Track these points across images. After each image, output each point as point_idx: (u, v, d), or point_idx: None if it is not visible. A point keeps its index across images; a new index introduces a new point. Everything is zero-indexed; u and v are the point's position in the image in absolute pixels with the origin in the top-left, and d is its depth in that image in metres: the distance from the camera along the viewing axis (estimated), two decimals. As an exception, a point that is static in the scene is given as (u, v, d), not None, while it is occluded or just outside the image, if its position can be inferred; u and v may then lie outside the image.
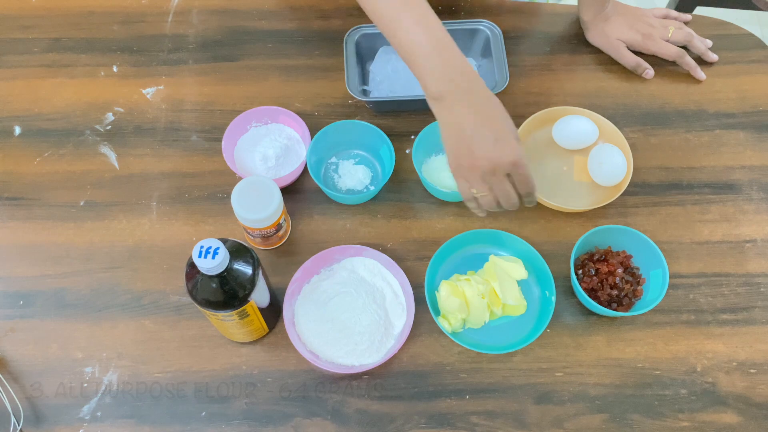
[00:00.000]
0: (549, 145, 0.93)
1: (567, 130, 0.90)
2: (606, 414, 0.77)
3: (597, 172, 0.88)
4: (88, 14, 1.03)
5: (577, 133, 0.90)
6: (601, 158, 0.88)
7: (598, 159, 0.88)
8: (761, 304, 0.83)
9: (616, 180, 0.87)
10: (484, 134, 0.68)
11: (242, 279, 0.68)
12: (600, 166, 0.87)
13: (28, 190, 0.89)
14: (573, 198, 0.89)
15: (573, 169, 0.91)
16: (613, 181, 0.87)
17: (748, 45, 1.01)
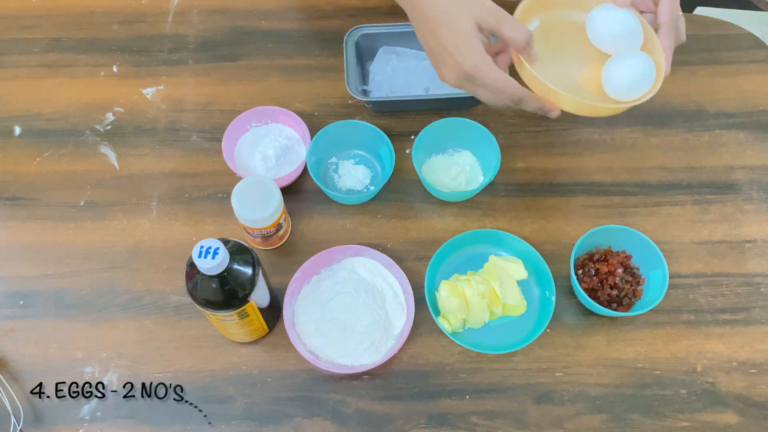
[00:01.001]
0: (562, 34, 0.77)
1: (607, 26, 0.73)
2: (606, 414, 0.77)
3: (616, 80, 0.72)
4: (88, 14, 1.03)
5: (621, 33, 0.73)
6: (626, 63, 0.72)
7: (621, 65, 0.72)
8: (761, 304, 0.83)
9: (635, 93, 0.72)
10: (432, 62, 0.71)
11: (242, 279, 0.68)
12: (622, 72, 0.71)
13: (28, 190, 0.89)
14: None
15: (582, 73, 0.76)
16: (631, 94, 0.72)
17: (748, 45, 1.01)
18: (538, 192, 0.90)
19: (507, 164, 0.90)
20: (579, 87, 0.74)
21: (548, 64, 0.72)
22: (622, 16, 0.73)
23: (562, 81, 0.71)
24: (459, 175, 0.88)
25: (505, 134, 0.93)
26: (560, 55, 0.76)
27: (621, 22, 0.73)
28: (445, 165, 0.89)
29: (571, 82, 0.74)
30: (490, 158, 0.87)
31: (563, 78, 0.72)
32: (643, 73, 0.71)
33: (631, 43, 0.74)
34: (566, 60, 0.75)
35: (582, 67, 0.75)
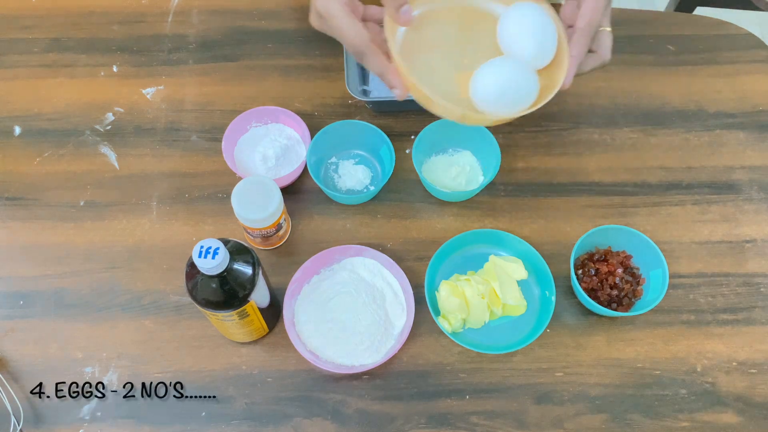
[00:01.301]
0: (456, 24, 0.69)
1: (516, 27, 0.64)
2: (606, 414, 0.77)
3: (484, 92, 0.62)
4: (88, 14, 1.03)
5: (528, 40, 0.63)
6: (499, 70, 0.61)
7: (492, 73, 0.62)
8: (761, 304, 0.83)
9: (512, 108, 0.62)
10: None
11: (242, 279, 0.68)
12: (492, 82, 0.61)
13: (28, 190, 0.89)
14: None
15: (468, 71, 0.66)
16: (507, 110, 0.62)
17: (748, 45, 1.01)
18: (538, 192, 0.90)
19: (507, 164, 0.90)
20: (452, 85, 0.65)
21: (435, 45, 0.65)
22: (537, 21, 0.64)
23: (438, 71, 0.63)
24: (459, 175, 0.88)
25: (505, 134, 0.93)
26: (456, 43, 0.67)
27: (532, 26, 0.63)
28: (445, 165, 0.89)
29: (446, 77, 0.64)
30: (490, 158, 0.87)
31: (441, 67, 0.64)
32: (515, 86, 0.61)
33: (538, 53, 0.64)
34: (459, 50, 0.66)
35: (472, 64, 0.65)
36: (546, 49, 0.64)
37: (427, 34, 0.65)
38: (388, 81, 0.63)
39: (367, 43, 0.63)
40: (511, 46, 0.64)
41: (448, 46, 0.67)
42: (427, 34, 0.65)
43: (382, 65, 0.63)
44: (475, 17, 0.68)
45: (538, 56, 0.64)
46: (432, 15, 0.67)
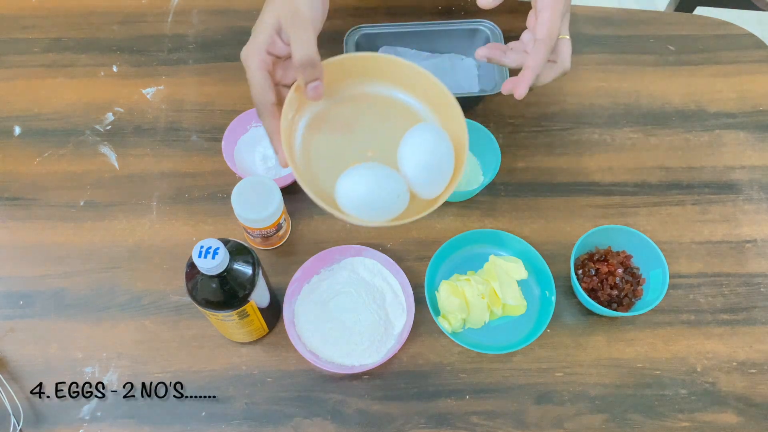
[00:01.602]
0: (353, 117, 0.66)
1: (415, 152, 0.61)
2: (606, 414, 0.77)
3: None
4: (88, 14, 1.03)
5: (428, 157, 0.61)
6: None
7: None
8: (761, 305, 0.83)
9: (433, 189, 0.61)
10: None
11: (242, 279, 0.68)
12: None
13: (27, 190, 0.89)
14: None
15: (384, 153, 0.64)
16: (429, 190, 0.62)
17: (748, 45, 1.01)
18: (538, 192, 0.90)
19: (507, 164, 0.90)
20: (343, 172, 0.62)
21: (342, 131, 0.63)
22: (433, 151, 0.60)
23: (339, 158, 0.61)
24: (459, 175, 0.88)
25: (505, 134, 0.93)
26: (363, 133, 0.65)
27: (426, 156, 0.60)
28: (445, 165, 0.89)
29: (342, 163, 0.62)
30: (490, 158, 0.87)
31: (343, 155, 0.62)
32: (380, 196, 0.59)
33: (430, 181, 0.61)
34: (364, 140, 0.64)
35: (373, 157, 0.63)
36: (431, 183, 0.62)
37: (335, 120, 0.64)
38: (274, 146, 0.62)
39: (268, 103, 0.62)
40: (402, 166, 0.62)
41: (355, 134, 0.65)
42: (336, 120, 0.64)
43: (273, 129, 0.62)
44: (389, 107, 0.66)
45: (420, 187, 0.62)
46: (344, 102, 0.65)
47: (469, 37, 0.96)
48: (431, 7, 1.04)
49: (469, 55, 0.98)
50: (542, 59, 0.66)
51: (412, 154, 0.61)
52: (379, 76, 0.65)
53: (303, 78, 0.60)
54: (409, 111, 0.65)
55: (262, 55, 0.62)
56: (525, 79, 0.67)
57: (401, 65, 0.64)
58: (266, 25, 0.62)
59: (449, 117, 0.63)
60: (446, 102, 0.63)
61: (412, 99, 0.66)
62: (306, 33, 0.60)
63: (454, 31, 0.96)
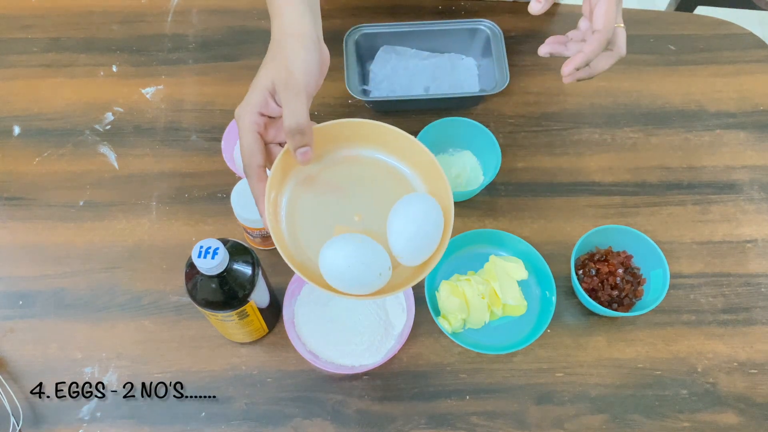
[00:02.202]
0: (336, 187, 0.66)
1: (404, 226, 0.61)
2: (606, 414, 0.77)
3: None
4: (87, 14, 1.03)
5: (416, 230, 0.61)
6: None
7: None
8: (762, 305, 0.83)
9: (422, 255, 0.62)
10: None
11: (242, 279, 0.68)
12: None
13: (27, 190, 0.89)
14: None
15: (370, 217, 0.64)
16: (418, 257, 0.62)
17: (748, 44, 1.01)
18: (539, 192, 0.89)
19: (507, 164, 0.90)
20: (330, 236, 0.62)
21: (329, 195, 0.64)
22: (421, 222, 0.60)
23: (324, 222, 0.62)
24: (459, 175, 0.88)
25: (505, 134, 0.93)
26: (350, 197, 0.64)
27: (412, 227, 0.60)
28: (445, 165, 0.89)
29: (328, 227, 0.63)
30: (490, 158, 0.87)
31: (328, 220, 0.63)
32: (362, 269, 0.58)
33: (414, 251, 0.61)
34: (351, 204, 0.64)
35: (361, 221, 0.63)
36: (418, 253, 0.62)
37: (321, 184, 0.64)
38: (259, 209, 0.61)
39: (254, 166, 0.61)
40: (390, 237, 0.62)
41: (342, 198, 0.65)
42: (322, 184, 0.64)
43: (259, 192, 0.61)
44: (385, 176, 0.66)
45: (407, 256, 0.62)
46: (332, 165, 0.65)
47: (469, 36, 0.96)
48: (431, 6, 1.04)
49: (469, 55, 0.98)
50: (599, 48, 0.69)
51: (404, 226, 0.61)
52: (370, 141, 0.65)
53: (292, 144, 0.60)
54: (399, 176, 0.66)
55: (255, 117, 0.62)
56: (575, 59, 0.69)
57: (391, 132, 0.64)
58: (261, 87, 0.61)
59: (437, 186, 0.64)
60: (434, 170, 0.64)
61: (402, 165, 0.66)
62: (298, 100, 0.60)
63: (454, 30, 0.96)
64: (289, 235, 0.62)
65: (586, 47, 0.69)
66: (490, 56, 0.94)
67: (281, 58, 0.62)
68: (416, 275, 0.61)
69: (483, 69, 0.96)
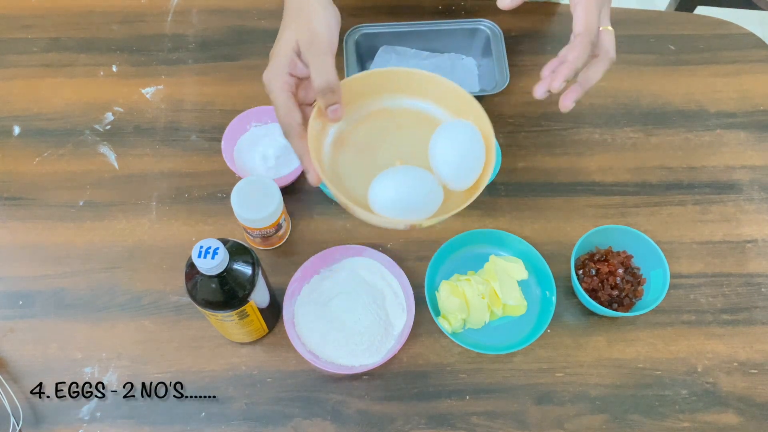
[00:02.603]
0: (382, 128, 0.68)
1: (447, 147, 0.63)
2: (606, 414, 0.77)
3: (443, 168, 0.63)
4: (87, 14, 1.03)
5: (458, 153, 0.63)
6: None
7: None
8: (762, 305, 0.83)
9: (467, 180, 0.63)
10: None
11: (242, 279, 0.68)
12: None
13: (27, 190, 0.89)
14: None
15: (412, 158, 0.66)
16: (463, 182, 0.63)
17: (748, 44, 1.01)
18: (539, 192, 0.89)
19: (507, 164, 0.90)
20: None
21: (368, 146, 0.66)
22: (462, 145, 0.62)
23: (368, 170, 0.63)
24: (459, 175, 0.88)
25: (505, 134, 0.93)
26: (389, 145, 0.66)
27: (458, 150, 0.62)
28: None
29: (370, 173, 0.63)
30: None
31: (371, 167, 0.64)
32: (414, 197, 0.60)
33: (462, 175, 0.63)
34: (391, 151, 0.66)
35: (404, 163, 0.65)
36: (465, 174, 0.63)
37: (361, 136, 0.66)
38: (305, 166, 0.62)
39: (294, 124, 0.62)
40: (434, 165, 0.63)
41: (381, 147, 0.66)
42: (361, 135, 0.66)
43: (302, 149, 0.62)
44: (412, 118, 0.67)
45: (454, 179, 0.63)
46: (369, 117, 0.67)
47: (469, 36, 0.96)
48: (431, 6, 1.04)
49: (469, 55, 0.98)
50: (584, 53, 0.64)
51: (447, 150, 0.62)
52: (396, 89, 0.67)
53: (323, 102, 0.61)
54: (430, 117, 0.67)
55: (285, 77, 0.63)
56: (561, 71, 0.64)
57: (414, 75, 0.65)
58: (286, 48, 0.63)
59: (470, 114, 0.65)
60: (464, 101, 0.65)
61: (431, 105, 0.67)
62: (325, 58, 0.61)
63: (454, 30, 0.95)
64: (340, 187, 0.63)
65: (570, 54, 0.64)
66: (490, 56, 0.94)
67: (304, 18, 0.63)
68: (467, 197, 0.61)
69: (483, 69, 0.96)
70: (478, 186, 0.62)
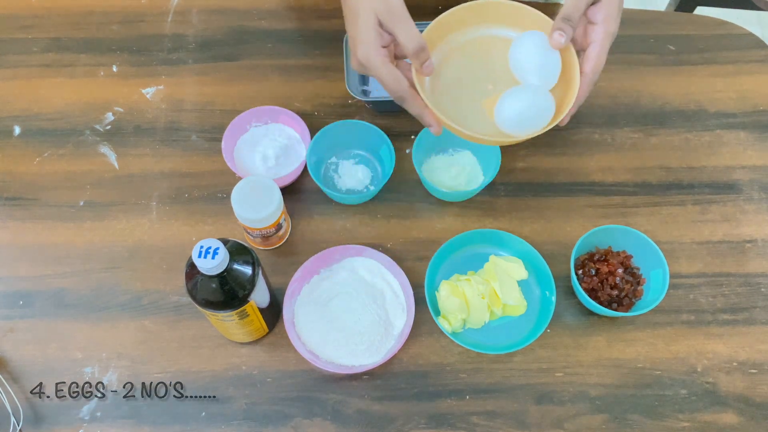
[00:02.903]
0: (478, 54, 0.76)
1: (524, 56, 0.71)
2: (606, 414, 0.77)
3: (506, 117, 0.70)
4: (87, 14, 1.03)
5: (535, 67, 0.71)
6: (517, 99, 0.70)
7: (512, 100, 0.70)
8: (761, 304, 0.83)
9: (530, 128, 0.70)
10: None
11: (242, 279, 0.68)
12: (512, 109, 0.70)
13: (27, 190, 0.89)
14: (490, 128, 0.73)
15: (491, 96, 0.74)
16: (526, 130, 0.70)
17: (748, 45, 1.01)
18: (538, 192, 0.89)
19: (507, 164, 0.90)
20: (480, 111, 0.74)
21: (459, 79, 0.75)
22: (543, 49, 0.70)
23: (466, 100, 0.73)
24: (459, 175, 0.88)
25: (505, 134, 0.93)
26: (477, 73, 0.76)
27: (539, 56, 0.71)
28: (445, 165, 0.89)
29: (474, 104, 0.74)
30: (490, 158, 0.87)
31: (468, 97, 0.74)
32: (535, 109, 0.69)
33: (545, 77, 0.72)
34: (480, 78, 0.76)
35: (495, 88, 0.74)
36: (549, 74, 0.72)
37: (450, 71, 0.75)
38: (426, 122, 0.71)
39: (405, 89, 0.70)
40: (519, 74, 0.73)
41: (471, 77, 0.76)
42: (451, 71, 0.75)
43: (420, 108, 0.70)
44: (488, 44, 0.76)
45: (543, 81, 0.72)
46: (451, 53, 0.76)
47: (470, 36, 0.96)
48: (431, 6, 1.04)
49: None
50: (587, 91, 0.71)
51: (525, 57, 0.71)
52: (472, 22, 0.76)
53: (417, 61, 0.69)
54: (505, 39, 0.75)
55: (381, 50, 0.70)
56: (571, 112, 0.71)
57: (482, 6, 0.74)
58: (369, 24, 0.69)
59: (538, 27, 0.72)
60: (530, 17, 0.73)
61: (507, 30, 0.75)
62: (408, 24, 0.68)
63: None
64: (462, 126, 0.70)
65: (580, 89, 0.70)
66: (490, 56, 0.94)
67: None
68: (562, 109, 0.71)
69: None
70: (569, 90, 0.71)
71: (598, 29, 0.70)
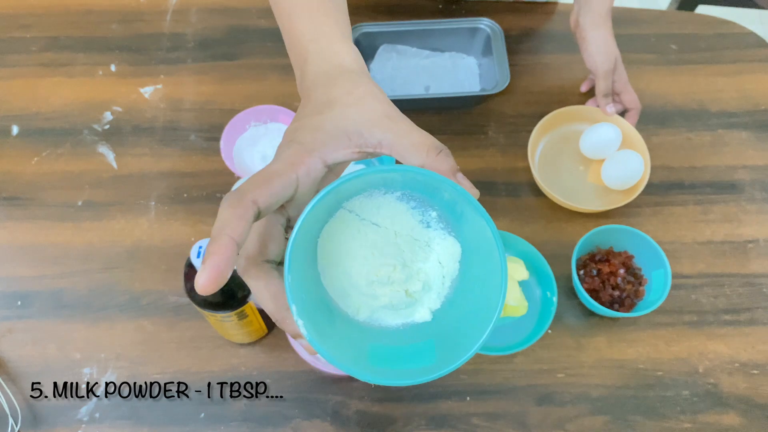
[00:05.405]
0: (565, 142, 0.92)
1: (594, 140, 0.89)
2: (607, 415, 0.76)
3: (612, 176, 0.87)
4: (86, 13, 1.02)
5: (604, 142, 0.88)
6: (619, 163, 0.87)
7: (615, 163, 0.87)
8: (763, 305, 0.82)
9: (629, 184, 0.86)
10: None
11: (241, 279, 0.67)
12: (616, 170, 0.87)
13: (25, 189, 0.89)
14: (585, 198, 0.88)
15: (588, 170, 0.91)
16: (626, 185, 0.87)
17: (750, 44, 1.00)
18: (539, 192, 0.89)
19: (507, 164, 0.90)
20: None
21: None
22: (604, 132, 0.88)
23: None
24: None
25: (505, 133, 0.93)
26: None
27: (602, 136, 0.88)
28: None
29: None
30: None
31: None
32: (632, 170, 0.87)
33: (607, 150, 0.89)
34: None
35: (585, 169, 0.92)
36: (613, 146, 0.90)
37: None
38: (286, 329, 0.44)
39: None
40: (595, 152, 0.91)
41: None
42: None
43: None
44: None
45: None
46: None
47: (470, 35, 0.96)
48: (432, 5, 1.03)
49: (470, 54, 0.97)
50: (636, 121, 0.92)
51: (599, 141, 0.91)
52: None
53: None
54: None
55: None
56: (601, 104, 0.91)
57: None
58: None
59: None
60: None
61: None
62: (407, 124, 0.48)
63: (455, 29, 0.95)
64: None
65: (631, 120, 0.91)
66: (490, 55, 0.94)
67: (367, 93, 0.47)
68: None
69: (484, 68, 0.96)
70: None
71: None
